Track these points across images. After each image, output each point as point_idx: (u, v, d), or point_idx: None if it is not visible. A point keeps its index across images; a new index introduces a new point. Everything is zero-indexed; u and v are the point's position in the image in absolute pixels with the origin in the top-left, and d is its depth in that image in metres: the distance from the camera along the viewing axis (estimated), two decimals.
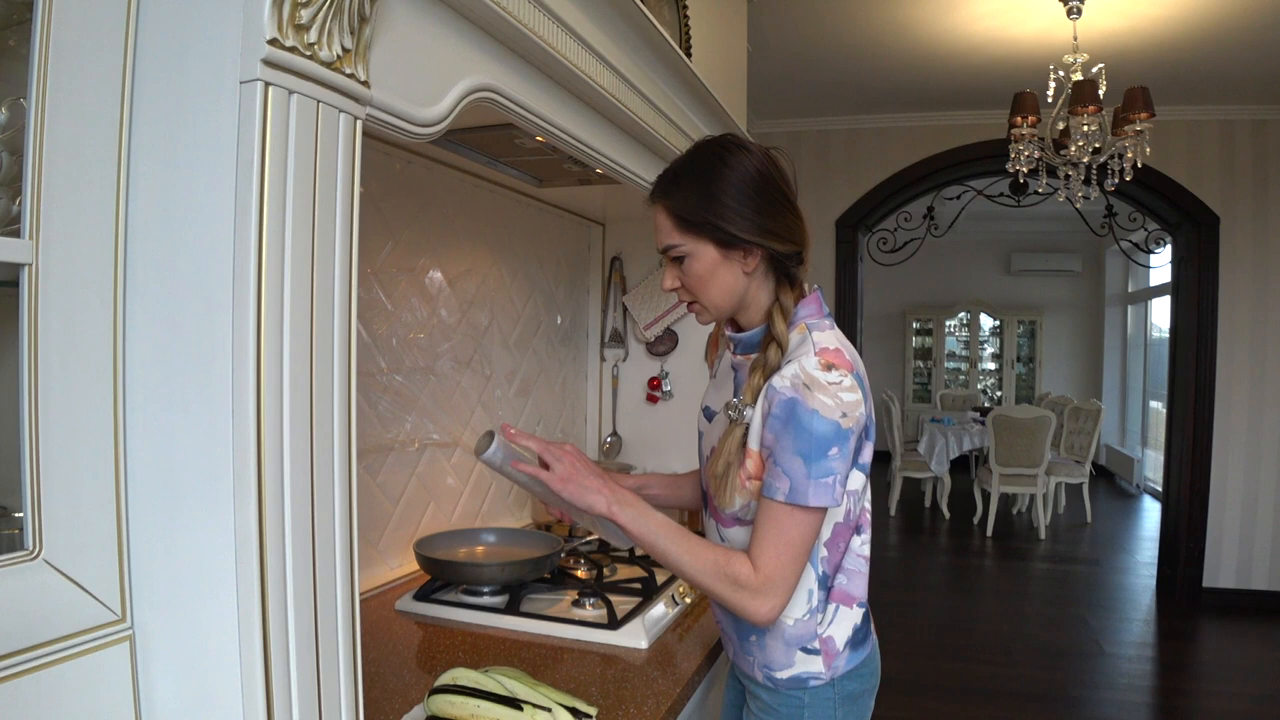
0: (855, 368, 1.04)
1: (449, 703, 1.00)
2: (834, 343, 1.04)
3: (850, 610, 1.12)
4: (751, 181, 1.05)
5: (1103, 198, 4.04)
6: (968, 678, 3.45)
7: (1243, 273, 4.24)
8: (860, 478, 1.08)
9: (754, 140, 1.16)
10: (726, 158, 1.06)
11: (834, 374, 0.99)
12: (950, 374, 9.52)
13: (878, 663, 1.22)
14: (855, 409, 0.99)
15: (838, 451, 0.98)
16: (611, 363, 2.61)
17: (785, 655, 1.11)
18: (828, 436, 0.98)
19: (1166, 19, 3.15)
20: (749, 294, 1.10)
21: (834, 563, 1.10)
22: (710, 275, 1.08)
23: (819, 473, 0.98)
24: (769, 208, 1.05)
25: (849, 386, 0.99)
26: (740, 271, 1.08)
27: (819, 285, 1.14)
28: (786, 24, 3.33)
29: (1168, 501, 4.62)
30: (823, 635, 1.11)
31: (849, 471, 1.03)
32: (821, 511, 1.01)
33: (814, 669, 1.11)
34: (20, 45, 0.64)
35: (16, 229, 0.63)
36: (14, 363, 0.63)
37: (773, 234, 1.06)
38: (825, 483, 0.98)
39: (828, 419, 0.97)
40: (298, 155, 0.69)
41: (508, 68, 1.07)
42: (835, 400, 0.98)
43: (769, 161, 1.08)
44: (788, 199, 1.08)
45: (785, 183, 1.08)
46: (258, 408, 0.66)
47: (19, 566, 0.62)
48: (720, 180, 1.05)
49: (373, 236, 1.65)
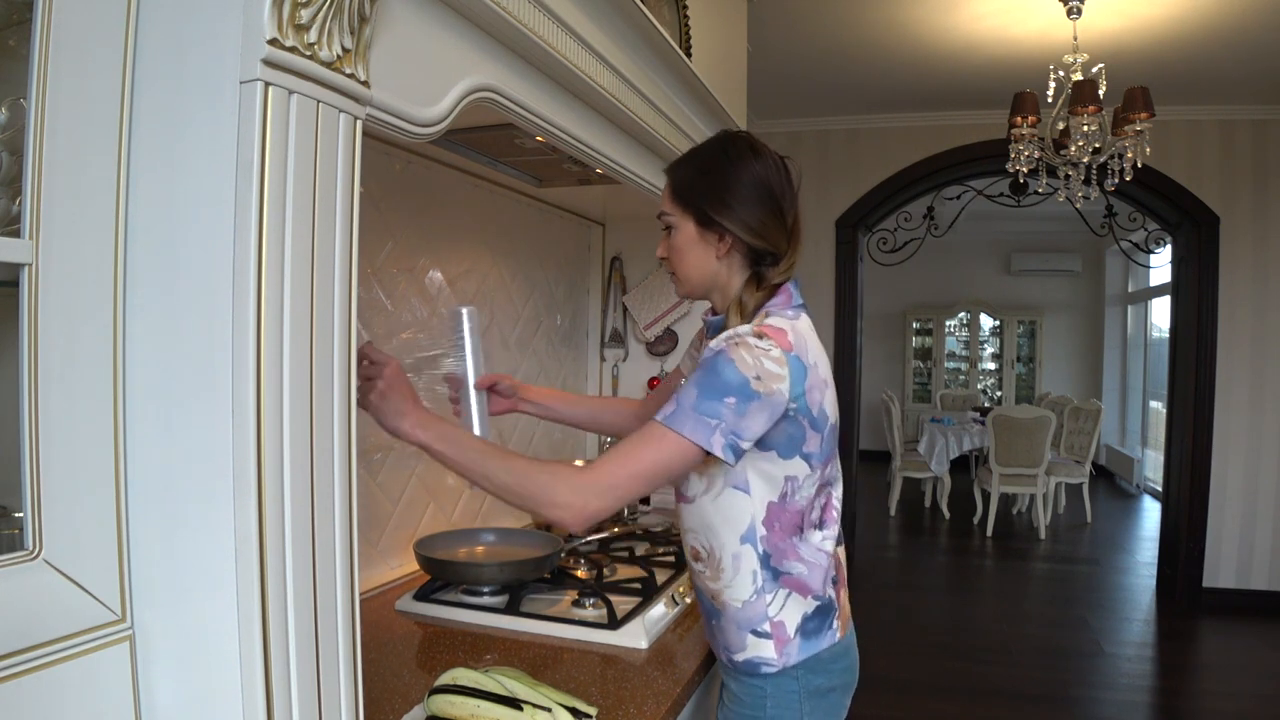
0: (797, 350, 1.05)
1: (449, 703, 1.00)
2: (784, 325, 1.07)
3: (804, 600, 1.13)
4: (746, 176, 1.12)
5: (1103, 198, 4.04)
6: (968, 678, 3.45)
7: (1243, 273, 4.24)
8: (804, 467, 1.09)
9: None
10: (732, 150, 1.14)
11: (764, 342, 1.02)
12: (950, 374, 9.51)
13: (852, 662, 1.21)
14: (774, 381, 1.01)
15: (734, 403, 0.99)
16: (611, 363, 2.61)
17: (739, 637, 1.13)
18: (730, 384, 0.99)
19: (1166, 19, 3.15)
20: (720, 278, 1.16)
21: (774, 544, 1.11)
22: (687, 249, 1.16)
23: (704, 410, 0.99)
24: (754, 205, 1.11)
25: (775, 358, 1.01)
26: (713, 254, 1.15)
27: (798, 278, 1.18)
28: (786, 24, 3.33)
29: (1168, 501, 4.62)
30: (774, 619, 1.12)
31: (752, 436, 1.01)
32: (690, 448, 0.99)
33: (766, 654, 1.12)
34: (20, 45, 0.64)
35: (16, 229, 0.63)
36: (14, 363, 0.63)
37: (749, 228, 1.11)
38: (707, 421, 0.98)
39: (739, 371, 0.99)
40: (298, 155, 0.69)
41: (508, 68, 1.07)
42: (755, 361, 1.00)
43: (776, 168, 1.14)
44: (777, 203, 1.13)
45: (783, 190, 1.14)
46: (258, 407, 0.66)
47: (19, 566, 0.62)
48: (718, 167, 1.13)
49: (373, 236, 1.65)
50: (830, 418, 1.11)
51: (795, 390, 1.03)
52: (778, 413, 1.03)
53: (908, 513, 6.69)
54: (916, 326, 9.51)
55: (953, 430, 6.47)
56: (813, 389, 1.06)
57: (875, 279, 5.54)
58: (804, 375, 1.05)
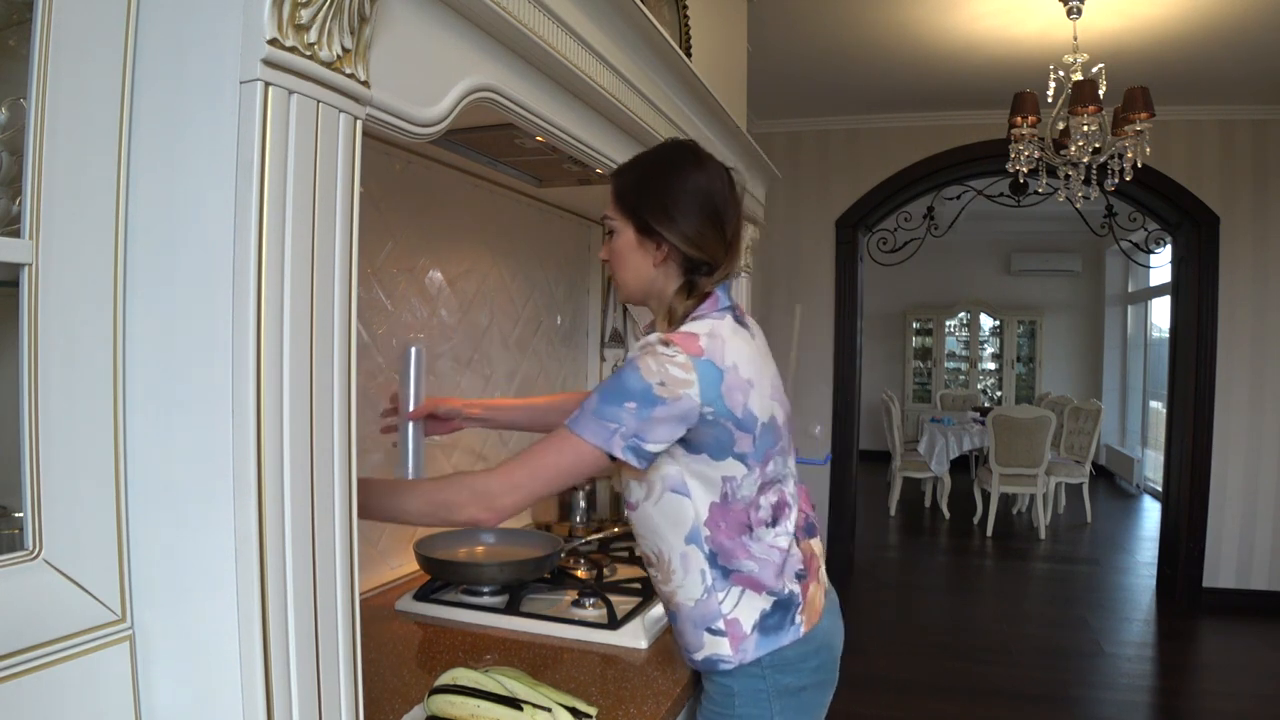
0: (710, 354, 1.06)
1: (449, 703, 1.00)
2: (699, 330, 1.09)
3: (758, 597, 1.13)
4: (688, 187, 1.14)
5: (1103, 198, 4.04)
6: (968, 678, 3.45)
7: (1243, 273, 4.24)
8: (740, 467, 1.10)
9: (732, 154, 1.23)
10: (676, 160, 1.16)
11: (670, 349, 1.04)
12: (950, 374, 9.51)
13: (826, 661, 1.20)
14: (680, 387, 1.03)
15: (635, 408, 1.02)
16: (611, 363, 2.60)
17: (696, 636, 1.15)
18: (631, 390, 1.02)
19: (1166, 19, 3.15)
20: (657, 284, 1.18)
21: (720, 543, 1.12)
22: (626, 254, 1.17)
23: (605, 415, 1.02)
24: (694, 215, 1.13)
25: (680, 364, 1.03)
26: (650, 261, 1.16)
27: (732, 279, 1.20)
28: (786, 24, 3.33)
29: (1168, 501, 4.62)
30: (727, 616, 1.12)
31: (658, 439, 1.04)
32: (590, 450, 1.03)
33: (723, 651, 1.13)
34: (20, 45, 0.64)
35: (16, 229, 0.63)
36: (14, 363, 0.63)
37: (687, 239, 1.13)
38: (606, 425, 1.02)
39: (643, 377, 1.02)
40: (298, 155, 0.69)
41: (508, 68, 1.07)
42: (660, 368, 1.03)
43: (719, 179, 1.16)
44: (718, 215, 1.15)
45: (724, 201, 1.16)
46: (258, 407, 0.66)
47: (19, 566, 0.62)
48: (660, 175, 1.15)
49: (373, 236, 1.65)
50: (761, 416, 1.11)
51: (708, 394, 1.05)
52: (690, 417, 1.04)
53: (908, 513, 6.69)
54: (916, 326, 9.51)
55: (953, 430, 6.47)
56: (732, 390, 1.07)
57: (875, 279, 5.54)
58: (718, 378, 1.06)
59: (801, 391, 4.68)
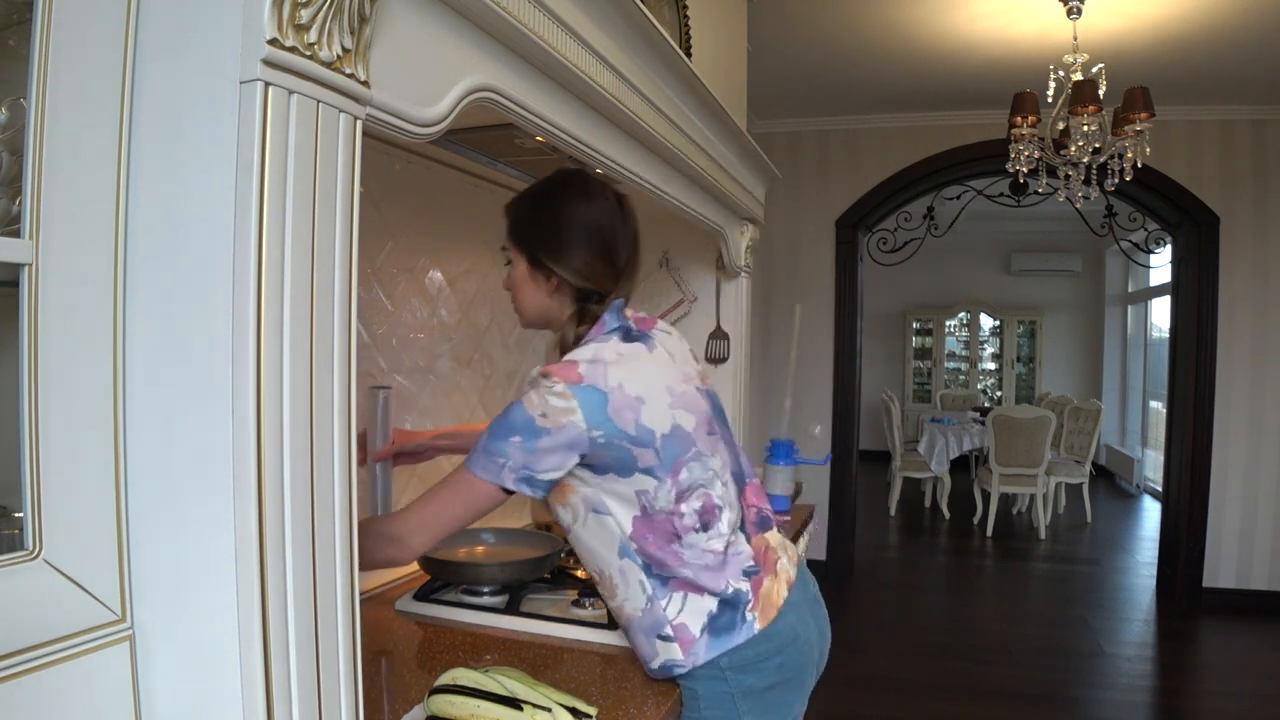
0: (591, 379, 1.08)
1: (449, 703, 1.00)
2: (583, 356, 1.11)
3: (701, 599, 1.14)
4: (575, 220, 1.17)
5: (1103, 198, 4.04)
6: (968, 678, 3.45)
7: (1243, 273, 4.24)
8: (650, 481, 1.11)
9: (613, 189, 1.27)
10: (564, 194, 1.20)
11: (549, 380, 1.07)
12: (950, 374, 9.51)
13: (792, 659, 1.19)
14: (562, 415, 1.05)
15: (520, 441, 1.05)
16: None
17: (649, 645, 1.17)
18: (515, 424, 1.06)
19: (1167, 19, 3.15)
20: (553, 312, 1.22)
21: (652, 554, 1.14)
22: (521, 285, 1.22)
23: (493, 451, 1.07)
24: (583, 249, 1.17)
25: (558, 393, 1.06)
26: (544, 291, 1.21)
27: (622, 299, 1.23)
28: (786, 24, 3.33)
29: (1168, 501, 4.62)
30: (674, 622, 1.14)
31: (550, 468, 1.07)
32: (484, 485, 1.07)
33: (675, 656, 1.14)
34: (20, 45, 0.64)
35: (16, 229, 0.63)
36: (14, 363, 0.63)
37: (576, 271, 1.17)
38: (495, 461, 1.06)
39: (525, 411, 1.06)
40: (298, 155, 0.69)
41: (508, 68, 1.07)
42: (540, 400, 1.06)
43: (608, 209, 1.20)
44: (606, 246, 1.19)
45: (614, 232, 1.20)
46: (258, 408, 0.66)
47: (19, 566, 0.62)
48: (548, 209, 1.19)
49: (373, 236, 1.65)
50: (660, 429, 1.11)
51: (593, 419, 1.07)
52: (580, 443, 1.07)
53: (908, 513, 6.69)
54: (916, 326, 9.51)
55: (953, 430, 6.47)
56: (620, 411, 1.08)
57: (875, 279, 5.54)
58: (602, 402, 1.07)
59: (801, 391, 4.68)
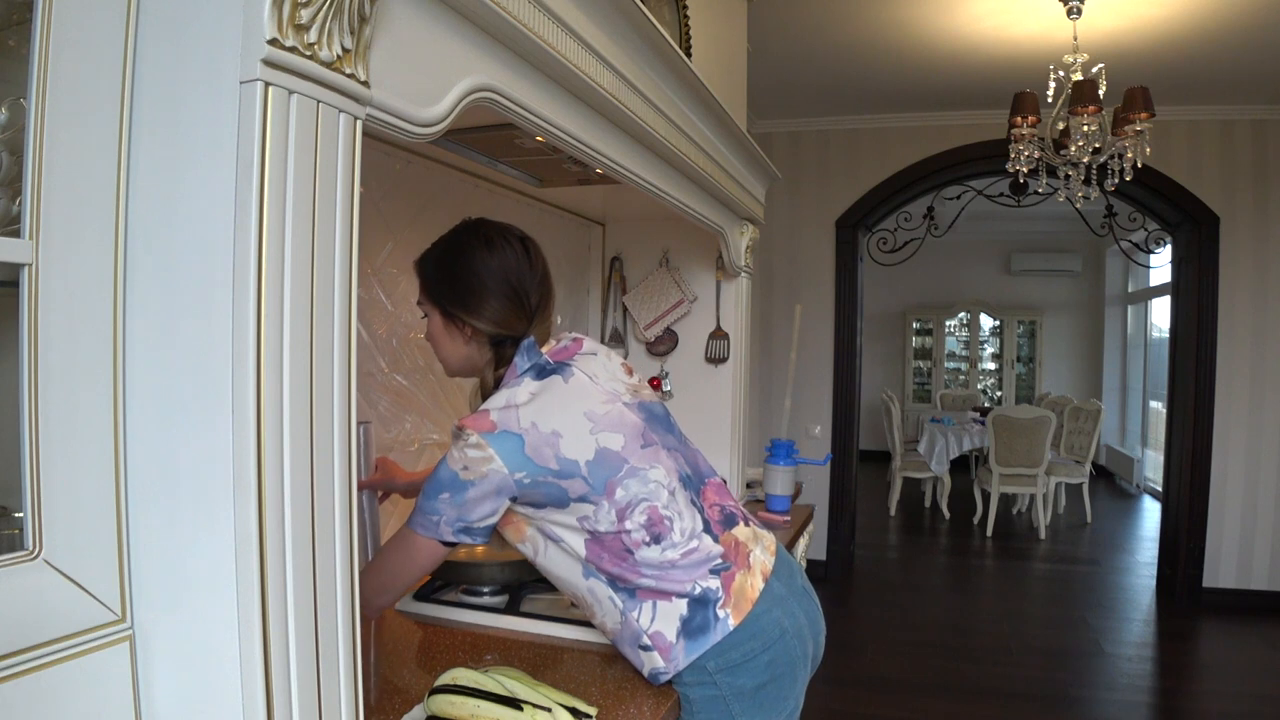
0: (503, 425, 1.10)
1: (449, 703, 1.00)
2: (495, 404, 1.13)
3: (669, 603, 1.15)
4: (480, 271, 1.19)
5: (1103, 198, 4.04)
6: (968, 678, 3.45)
7: (1243, 273, 4.24)
8: (586, 507, 1.13)
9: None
10: (465, 245, 1.22)
11: (464, 434, 1.10)
12: (950, 374, 9.51)
13: (780, 655, 1.18)
14: (481, 465, 1.08)
15: (449, 496, 1.09)
16: None
17: (635, 655, 1.19)
18: (442, 482, 1.10)
19: (1167, 19, 3.15)
20: (474, 359, 1.25)
21: (611, 571, 1.16)
22: (438, 337, 1.25)
23: (426, 509, 1.11)
24: (490, 298, 1.19)
25: (474, 444, 1.09)
26: (460, 341, 1.24)
27: (531, 338, 1.22)
28: (787, 24, 3.33)
29: (1168, 501, 4.62)
30: (650, 631, 1.15)
31: (483, 515, 1.11)
32: (425, 542, 1.12)
33: (657, 663, 1.16)
34: (20, 45, 0.64)
35: (16, 229, 0.63)
36: (14, 363, 0.63)
37: (487, 319, 1.20)
38: (430, 518, 1.11)
39: (449, 467, 1.10)
40: (298, 155, 0.69)
41: (508, 68, 1.07)
42: (460, 454, 1.09)
43: (512, 255, 1.21)
44: (513, 291, 1.20)
45: (521, 277, 1.21)
46: (258, 407, 0.66)
47: (19, 566, 0.62)
48: (453, 263, 1.21)
49: (373, 236, 1.65)
50: (583, 456, 1.12)
51: (513, 463, 1.09)
52: (506, 488, 1.09)
53: (908, 513, 6.69)
54: (916, 326, 9.51)
55: (953, 430, 6.47)
56: (539, 449, 1.10)
57: (875, 279, 5.55)
58: (519, 445, 1.09)
59: (801, 391, 4.68)
